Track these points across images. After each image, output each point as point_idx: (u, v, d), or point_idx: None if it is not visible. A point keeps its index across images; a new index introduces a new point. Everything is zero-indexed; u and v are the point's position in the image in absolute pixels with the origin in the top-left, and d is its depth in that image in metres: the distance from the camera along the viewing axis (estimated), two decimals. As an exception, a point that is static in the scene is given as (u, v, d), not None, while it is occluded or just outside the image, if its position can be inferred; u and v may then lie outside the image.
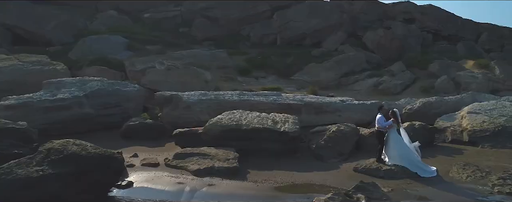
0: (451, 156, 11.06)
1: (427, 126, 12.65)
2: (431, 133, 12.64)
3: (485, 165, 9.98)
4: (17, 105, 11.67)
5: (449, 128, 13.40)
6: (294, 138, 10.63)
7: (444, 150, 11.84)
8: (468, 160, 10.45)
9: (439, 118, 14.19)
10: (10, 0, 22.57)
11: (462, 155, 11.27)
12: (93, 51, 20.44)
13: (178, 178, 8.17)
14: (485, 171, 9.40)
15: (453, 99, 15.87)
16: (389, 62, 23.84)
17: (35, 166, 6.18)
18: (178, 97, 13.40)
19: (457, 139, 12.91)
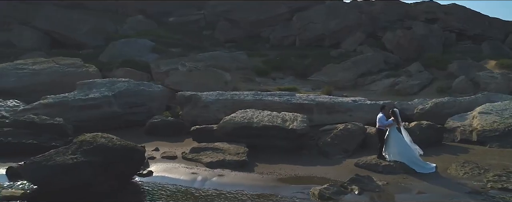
0: (456, 154, 11.41)
1: (435, 126, 12.98)
2: (439, 132, 12.96)
3: (487, 163, 10.33)
4: (55, 104, 13.06)
5: (459, 128, 13.68)
6: (302, 136, 11.38)
7: (451, 149, 12.18)
8: (472, 158, 10.82)
9: (450, 118, 14.48)
10: (48, 7, 24.57)
11: (467, 153, 11.61)
12: (122, 54, 21.91)
13: (192, 169, 9.15)
14: (484, 169, 9.79)
15: (467, 99, 16.03)
16: (409, 62, 23.98)
17: (70, 155, 7.32)
18: (197, 97, 14.45)
19: (466, 138, 13.20)
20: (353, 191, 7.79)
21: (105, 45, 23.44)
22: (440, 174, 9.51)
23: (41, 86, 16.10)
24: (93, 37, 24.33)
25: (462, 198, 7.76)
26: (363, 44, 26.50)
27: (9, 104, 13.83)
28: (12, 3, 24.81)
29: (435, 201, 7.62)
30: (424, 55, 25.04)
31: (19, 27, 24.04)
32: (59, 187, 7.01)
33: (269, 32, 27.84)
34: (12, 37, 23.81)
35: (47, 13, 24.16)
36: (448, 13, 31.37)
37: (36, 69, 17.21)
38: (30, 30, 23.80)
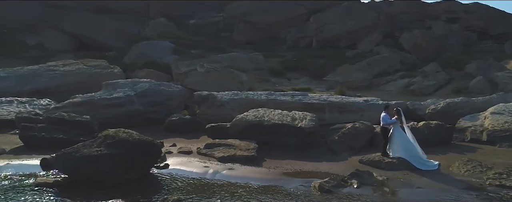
0: (463, 153, 11.65)
1: (445, 126, 13.22)
2: (448, 132, 13.17)
3: (491, 162, 10.56)
4: (82, 102, 14.16)
5: (470, 128, 13.85)
6: (310, 133, 11.94)
7: (459, 148, 12.41)
8: (477, 157, 11.05)
9: (462, 118, 14.66)
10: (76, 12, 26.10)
11: (474, 153, 11.83)
12: (144, 56, 23.07)
13: (205, 163, 9.91)
14: (486, 167, 10.04)
15: (481, 100, 16.09)
16: (426, 63, 24.01)
17: (95, 147, 8.21)
18: (213, 97, 15.24)
19: (476, 138, 13.37)
20: (352, 184, 8.31)
21: (129, 47, 24.69)
22: (442, 171, 9.86)
23: (70, 86, 17.34)
24: (117, 39, 25.66)
25: (457, 193, 8.13)
26: (380, 45, 26.67)
27: (42, 103, 15.09)
28: (44, 9, 26.48)
29: (430, 195, 8.01)
30: (442, 56, 24.98)
31: (50, 31, 25.67)
32: (85, 175, 7.91)
33: (286, 33, 28.40)
34: (44, 40, 25.46)
35: (75, 17, 25.67)
36: (469, 12, 30.99)
37: (66, 70, 18.52)
38: (60, 33, 25.40)
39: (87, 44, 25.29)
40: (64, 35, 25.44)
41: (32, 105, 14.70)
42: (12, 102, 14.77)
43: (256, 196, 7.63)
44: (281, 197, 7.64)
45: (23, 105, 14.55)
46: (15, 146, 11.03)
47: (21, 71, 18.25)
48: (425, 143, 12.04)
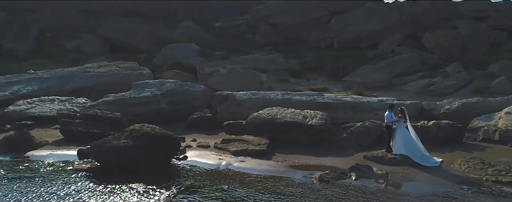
0: (470, 152, 11.97)
1: (456, 125, 13.55)
2: (459, 131, 13.48)
3: (496, 161, 10.89)
4: (114, 101, 15.61)
5: (483, 128, 14.09)
6: (320, 131, 12.68)
7: (468, 146, 12.71)
8: (483, 155, 11.38)
9: (477, 117, 14.89)
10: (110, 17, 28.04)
11: (482, 151, 12.12)
12: (172, 57, 24.51)
13: (220, 155, 10.93)
14: (489, 165, 10.41)
15: (497, 100, 16.17)
16: (450, 63, 23.94)
17: (123, 140, 9.43)
18: (232, 96, 16.28)
19: (488, 138, 13.61)
20: (350, 177, 9.04)
21: (158, 49, 26.26)
22: (443, 167, 10.33)
23: (104, 86, 18.90)
24: (148, 42, 27.33)
25: (450, 187, 8.66)
26: (401, 45, 26.75)
27: (79, 101, 16.71)
28: (82, 15, 28.66)
29: (423, 188, 8.60)
30: (466, 56, 24.79)
31: (86, 35, 27.75)
32: (114, 163, 9.13)
33: (308, 34, 29.05)
34: (81, 44, 27.56)
35: (109, 22, 27.59)
36: (500, 10, 30.34)
37: (100, 72, 20.20)
38: (95, 37, 27.39)
39: (119, 47, 27.12)
40: (99, 39, 27.43)
41: (71, 103, 16.34)
42: (53, 100, 16.49)
43: (261, 183, 8.55)
44: (283, 185, 8.51)
45: (63, 103, 16.22)
46: (56, 139, 12.54)
47: (61, 72, 20.11)
48: (434, 141, 12.54)
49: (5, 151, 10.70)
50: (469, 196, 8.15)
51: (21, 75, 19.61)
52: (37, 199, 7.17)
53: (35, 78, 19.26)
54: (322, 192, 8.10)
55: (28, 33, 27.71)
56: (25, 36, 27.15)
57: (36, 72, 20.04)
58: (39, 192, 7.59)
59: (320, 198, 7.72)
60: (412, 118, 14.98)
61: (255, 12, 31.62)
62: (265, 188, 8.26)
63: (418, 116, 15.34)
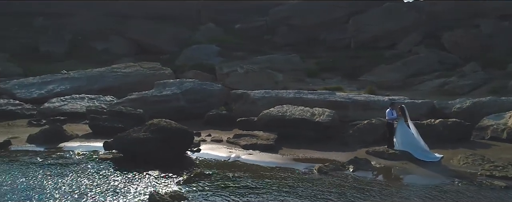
0: (474, 149, 12.23)
1: (463, 123, 13.85)
2: (466, 130, 13.78)
3: (498, 157, 11.17)
4: (137, 98, 16.87)
5: (492, 126, 14.32)
6: (327, 127, 13.34)
7: (473, 144, 12.96)
8: (486, 153, 11.66)
9: (487, 116, 15.09)
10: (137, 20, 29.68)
11: (487, 149, 12.39)
12: (193, 58, 25.75)
13: (230, 149, 11.84)
14: (488, 161, 10.70)
15: (510, 99, 16.27)
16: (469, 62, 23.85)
17: (142, 133, 10.51)
18: (247, 95, 17.17)
19: (496, 136, 13.84)
20: (348, 169, 9.71)
21: (180, 50, 27.59)
22: (442, 163, 10.76)
23: (130, 85, 20.26)
24: (171, 44, 28.75)
25: (442, 180, 9.15)
26: (419, 45, 26.80)
27: (106, 99, 18.11)
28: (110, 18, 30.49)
29: (414, 180, 9.15)
30: (486, 55, 24.61)
31: (115, 37, 29.48)
32: (134, 153, 10.22)
33: (326, 35, 29.56)
34: (110, 46, 29.33)
35: (135, 25, 29.20)
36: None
37: (126, 72, 21.64)
38: (123, 39, 29.06)
39: (145, 48, 28.67)
40: (126, 41, 29.10)
41: (99, 100, 17.76)
42: (83, 98, 17.97)
43: (264, 172, 9.39)
44: (285, 174, 9.30)
45: (92, 101, 17.66)
46: (85, 132, 13.85)
47: (91, 73, 21.70)
48: (439, 138, 12.93)
49: (41, 142, 12.06)
50: (458, 188, 8.63)
51: (55, 76, 21.33)
52: (67, 182, 8.31)
53: (67, 78, 20.92)
54: (318, 181, 8.83)
55: (62, 36, 29.78)
56: (59, 39, 29.21)
57: (69, 73, 21.74)
58: (69, 176, 8.75)
59: (315, 185, 8.46)
60: (423, 116, 15.43)
61: (275, 13, 32.42)
62: (267, 176, 9.08)
63: (429, 115, 15.68)
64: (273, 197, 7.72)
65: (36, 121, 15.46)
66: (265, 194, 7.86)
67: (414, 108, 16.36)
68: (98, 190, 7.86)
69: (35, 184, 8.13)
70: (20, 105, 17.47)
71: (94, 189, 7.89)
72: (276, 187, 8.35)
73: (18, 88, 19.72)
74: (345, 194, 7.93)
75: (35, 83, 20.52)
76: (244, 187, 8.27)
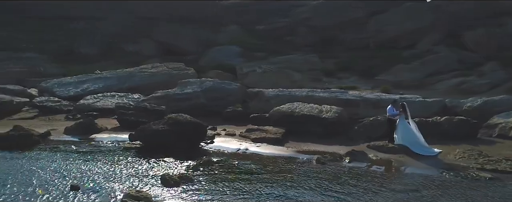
0: (477, 145, 12.65)
1: (470, 121, 14.24)
2: (473, 127, 14.16)
3: (497, 153, 11.58)
4: (161, 96, 18.34)
5: (500, 124, 14.62)
6: (333, 124, 14.13)
7: (478, 141, 13.35)
8: (487, 149, 12.04)
9: (497, 115, 15.37)
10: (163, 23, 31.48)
11: (489, 145, 12.77)
12: (216, 59, 27.12)
13: (241, 142, 12.94)
14: (485, 156, 11.16)
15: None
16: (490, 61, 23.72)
17: (160, 125, 11.82)
18: (261, 93, 18.23)
19: (503, 134, 14.16)
20: (345, 160, 10.54)
21: (204, 51, 29.04)
22: (439, 157, 11.34)
23: (156, 84, 21.83)
24: (195, 45, 30.29)
25: (433, 171, 9.80)
26: (440, 44, 26.77)
27: (134, 96, 19.73)
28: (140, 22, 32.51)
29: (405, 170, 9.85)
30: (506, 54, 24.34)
31: (144, 39, 31.42)
32: (154, 144, 11.54)
33: (345, 35, 30.04)
34: (139, 47, 31.30)
35: (162, 28, 30.99)
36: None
37: (153, 72, 23.28)
38: (151, 41, 30.92)
39: (171, 50, 30.39)
40: (154, 43, 30.94)
41: (127, 98, 19.40)
42: (114, 95, 19.69)
43: (266, 161, 10.42)
44: (285, 163, 10.29)
45: (121, 98, 19.33)
46: (114, 126, 15.41)
47: (121, 73, 23.52)
48: (443, 135, 13.42)
49: (76, 134, 13.70)
50: (445, 178, 9.27)
51: (89, 75, 23.31)
52: (96, 165, 9.70)
53: (100, 77, 22.82)
54: (314, 169, 9.74)
55: (96, 39, 32.11)
56: (94, 42, 31.53)
57: (101, 73, 23.67)
58: (97, 161, 10.15)
59: (310, 172, 9.38)
60: (434, 114, 15.84)
61: (296, 15, 33.23)
62: (268, 164, 10.10)
63: (441, 113, 16.06)
64: (270, 179, 8.73)
65: (72, 115, 17.28)
66: (263, 177, 8.88)
67: (425, 106, 16.85)
68: (122, 172, 9.19)
69: (71, 166, 9.59)
70: (59, 101, 19.42)
71: (118, 171, 9.22)
72: (275, 172, 9.35)
73: (57, 87, 21.80)
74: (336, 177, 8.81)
75: (72, 82, 22.55)
76: (245, 172, 9.33)
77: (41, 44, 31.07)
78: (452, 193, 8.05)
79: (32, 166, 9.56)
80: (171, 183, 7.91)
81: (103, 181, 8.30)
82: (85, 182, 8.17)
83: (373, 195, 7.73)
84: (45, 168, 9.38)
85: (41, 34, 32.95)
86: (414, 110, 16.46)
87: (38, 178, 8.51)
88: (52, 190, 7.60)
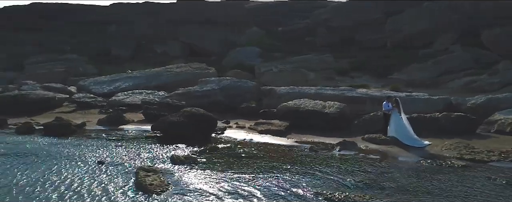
0: (471, 139, 13.43)
1: (468, 117, 15.02)
2: (471, 123, 14.90)
3: (484, 146, 12.34)
4: (182, 93, 20.22)
5: (500, 120, 15.28)
6: (334, 118, 15.34)
7: (474, 136, 14.07)
8: (480, 143, 12.77)
9: (499, 111, 16.00)
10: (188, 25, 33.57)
11: (483, 139, 13.51)
12: (237, 59, 28.80)
13: (248, 133, 14.47)
14: (470, 148, 11.99)
15: (527, 96, 16.80)
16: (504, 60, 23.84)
17: (177, 117, 13.58)
18: (274, 91, 19.66)
19: (502, 130, 14.82)
20: (335, 149, 11.80)
21: (226, 52, 30.82)
22: (426, 149, 12.29)
23: (180, 83, 23.79)
24: (219, 46, 32.14)
25: (413, 158, 10.86)
26: (456, 44, 26.99)
27: (159, 93, 21.76)
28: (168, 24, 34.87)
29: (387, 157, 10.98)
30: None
31: (171, 41, 33.69)
32: (172, 133, 13.31)
33: (362, 35, 30.80)
34: (167, 48, 33.60)
35: (188, 30, 33.11)
36: None
37: (177, 71, 25.32)
38: (178, 43, 33.13)
39: (196, 51, 32.44)
40: (180, 44, 33.14)
41: (153, 95, 21.46)
42: (141, 92, 21.83)
43: (266, 148, 11.89)
44: (282, 150, 11.72)
45: (148, 95, 21.41)
46: (140, 119, 17.39)
47: (149, 72, 25.75)
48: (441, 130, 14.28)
49: (106, 124, 15.80)
50: (419, 164, 10.33)
51: (121, 75, 25.71)
52: (121, 148, 11.57)
53: (130, 77, 25.14)
54: (306, 154, 11.09)
55: (128, 41, 34.78)
56: (126, 44, 34.20)
57: (132, 72, 26.00)
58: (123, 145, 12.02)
59: (302, 157, 10.74)
60: (439, 111, 16.61)
61: (316, 16, 34.33)
62: (266, 151, 11.57)
63: (446, 110, 16.80)
64: (264, 160, 10.19)
65: (104, 109, 19.53)
66: (259, 159, 10.36)
67: (431, 103, 17.65)
68: (139, 153, 10.99)
69: (100, 148, 11.53)
70: (94, 98, 21.81)
71: (137, 153, 11.03)
72: (270, 156, 10.79)
73: (93, 85, 24.31)
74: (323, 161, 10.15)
75: (106, 81, 25.02)
76: (245, 155, 10.82)
77: (81, 47, 34.17)
78: (419, 175, 9.15)
79: (70, 147, 11.60)
80: (178, 162, 9.57)
81: (123, 159, 10.11)
82: (109, 159, 10.01)
83: (346, 173, 9.00)
84: (80, 149, 11.38)
85: (80, 37, 36.14)
86: (420, 106, 17.42)
87: (73, 155, 10.47)
88: (83, 164, 9.48)
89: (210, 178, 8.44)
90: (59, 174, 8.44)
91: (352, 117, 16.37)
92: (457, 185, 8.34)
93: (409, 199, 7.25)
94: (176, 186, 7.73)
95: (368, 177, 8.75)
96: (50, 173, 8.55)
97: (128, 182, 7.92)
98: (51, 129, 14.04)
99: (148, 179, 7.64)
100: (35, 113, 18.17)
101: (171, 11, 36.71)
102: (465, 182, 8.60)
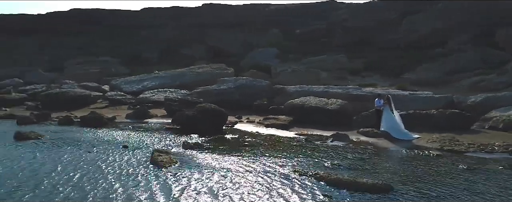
0: (460, 134, 14.45)
1: (463, 114, 16.05)
2: (466, 120, 15.88)
3: (470, 140, 13.34)
4: (201, 91, 22.24)
5: (495, 117, 16.17)
6: (336, 114, 16.74)
7: (466, 131, 15.08)
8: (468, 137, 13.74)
9: (495, 109, 16.86)
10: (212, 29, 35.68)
11: (474, 134, 14.53)
12: (256, 60, 30.55)
13: (255, 126, 16.19)
14: (455, 141, 13.06)
15: (526, 94, 17.47)
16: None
17: (192, 112, 15.52)
18: (284, 89, 21.26)
19: (495, 126, 15.73)
20: (328, 140, 13.27)
21: (246, 54, 32.64)
22: (413, 141, 13.49)
23: (200, 82, 25.86)
24: (239, 48, 34.05)
25: (395, 149, 12.15)
26: (469, 44, 27.38)
27: (182, 92, 23.92)
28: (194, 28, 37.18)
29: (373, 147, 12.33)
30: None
31: (196, 44, 35.98)
32: (188, 125, 15.24)
33: (378, 35, 31.66)
34: (193, 51, 35.92)
35: (211, 33, 35.24)
36: None
37: (199, 72, 27.45)
38: (201, 45, 35.35)
39: (218, 52, 34.54)
40: (204, 47, 35.35)
41: (176, 93, 23.64)
42: (166, 91, 24.09)
43: (268, 137, 13.57)
44: (281, 140, 13.34)
45: (171, 93, 23.62)
46: (163, 114, 19.55)
47: (174, 72, 28.05)
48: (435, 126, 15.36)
49: (133, 118, 18.12)
50: (399, 153, 11.62)
51: (149, 75, 28.18)
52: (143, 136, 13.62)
53: (157, 77, 27.54)
54: (300, 144, 12.66)
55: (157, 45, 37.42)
56: (155, 47, 36.85)
57: (158, 73, 28.41)
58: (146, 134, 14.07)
59: (296, 146, 12.30)
60: (441, 108, 17.60)
61: (334, 17, 35.47)
62: (267, 140, 13.22)
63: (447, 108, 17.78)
64: (263, 148, 11.85)
65: (133, 105, 21.90)
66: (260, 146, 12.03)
67: (433, 101, 18.67)
68: (158, 140, 12.98)
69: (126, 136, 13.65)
70: (124, 95, 24.30)
71: (156, 140, 13.02)
72: (270, 144, 12.43)
73: (124, 84, 26.88)
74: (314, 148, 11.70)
75: (135, 80, 27.54)
76: (247, 144, 12.52)
77: (113, 49, 37.18)
78: (393, 161, 10.49)
79: (102, 135, 13.82)
80: (188, 147, 11.44)
81: (144, 144, 12.12)
82: (132, 144, 12.05)
83: (330, 157, 10.49)
84: (109, 136, 13.57)
85: (113, 41, 39.23)
86: (422, 104, 18.46)
87: (104, 141, 12.61)
88: (111, 147, 11.56)
89: (211, 158, 10.21)
90: (93, 154, 10.54)
91: (354, 113, 17.68)
92: (422, 168, 9.60)
93: (372, 176, 8.64)
94: (182, 163, 9.58)
95: (347, 161, 10.18)
96: (86, 153, 10.67)
97: (145, 160, 9.86)
98: (87, 121, 16.42)
99: (160, 157, 9.53)
100: (74, 108, 20.89)
101: (197, 15, 39.03)
102: (430, 166, 9.85)
